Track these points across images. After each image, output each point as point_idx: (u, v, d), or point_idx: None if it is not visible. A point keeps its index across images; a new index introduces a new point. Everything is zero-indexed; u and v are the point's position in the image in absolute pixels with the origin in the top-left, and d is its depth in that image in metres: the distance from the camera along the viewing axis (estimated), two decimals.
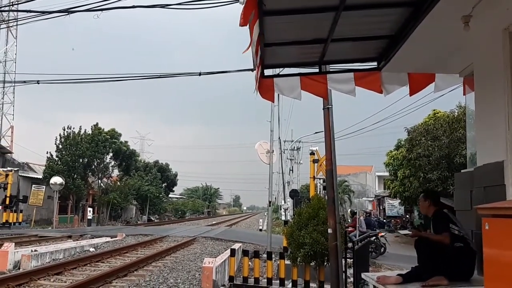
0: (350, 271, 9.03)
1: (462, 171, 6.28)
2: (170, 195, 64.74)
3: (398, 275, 4.74)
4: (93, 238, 19.00)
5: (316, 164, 14.95)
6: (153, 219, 49.28)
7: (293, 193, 26.99)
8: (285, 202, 28.67)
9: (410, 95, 6.05)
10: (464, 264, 4.39)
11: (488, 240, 3.14)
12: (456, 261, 4.36)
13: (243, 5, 3.52)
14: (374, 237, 16.01)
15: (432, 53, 5.28)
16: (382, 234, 19.79)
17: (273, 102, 11.47)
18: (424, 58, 5.44)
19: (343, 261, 7.59)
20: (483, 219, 3.17)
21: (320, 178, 17.08)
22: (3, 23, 35.59)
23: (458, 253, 4.36)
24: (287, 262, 8.52)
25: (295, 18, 4.61)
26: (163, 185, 56.58)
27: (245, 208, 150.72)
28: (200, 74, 14.42)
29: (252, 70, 4.97)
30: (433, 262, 4.47)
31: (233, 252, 9.31)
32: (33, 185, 32.12)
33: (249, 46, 4.13)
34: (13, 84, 43.19)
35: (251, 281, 8.63)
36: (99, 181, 38.07)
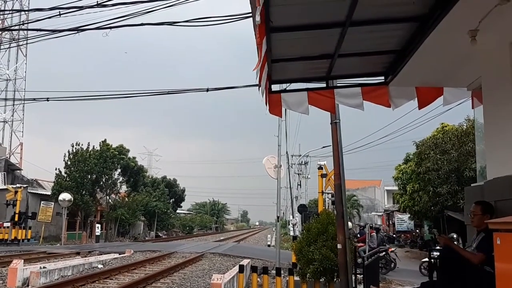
0: (360, 287, 8.92)
1: (472, 185, 6.22)
2: (177, 211, 64.65)
3: None
4: (101, 254, 18.96)
5: (324, 178, 14.89)
6: (161, 235, 49.16)
7: (302, 208, 26.87)
8: (293, 217, 28.51)
9: (419, 109, 6.04)
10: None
11: (500, 255, 3.11)
12: (478, 283, 4.09)
13: (259, 23, 3.55)
14: (383, 253, 15.84)
15: (439, 67, 5.28)
16: (392, 249, 19.56)
17: (281, 117, 11.48)
18: (431, 72, 5.44)
19: (353, 277, 7.50)
20: (495, 234, 3.15)
21: (328, 193, 17.00)
22: (14, 41, 36.15)
23: (483, 277, 4.02)
24: (296, 278, 8.44)
25: (302, 34, 4.65)
26: (171, 200, 56.57)
27: (256, 223, 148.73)
28: (207, 90, 14.51)
29: (258, 85, 4.98)
30: (453, 276, 4.32)
31: (241, 268, 9.24)
32: (42, 202, 32.25)
33: (258, 63, 4.16)
34: (23, 102, 43.81)
35: None
36: (107, 197, 38.12)
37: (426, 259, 18.39)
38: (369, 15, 4.34)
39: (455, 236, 16.92)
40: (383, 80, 5.92)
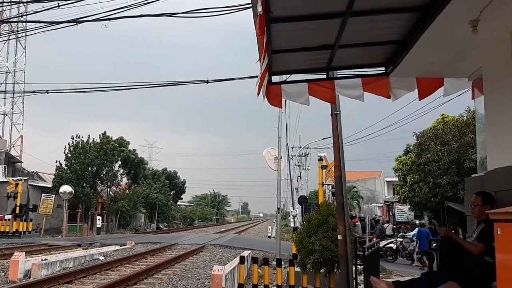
0: (360, 278, 8.95)
1: (472, 175, 6.21)
2: (178, 203, 64.82)
3: (395, 281, 4.64)
4: (102, 246, 19.06)
5: (324, 170, 14.91)
6: (161, 227, 49.34)
7: (302, 200, 26.96)
8: (293, 209, 28.61)
9: (420, 100, 6.01)
10: (485, 279, 4.01)
11: (501, 245, 3.11)
12: (478, 274, 4.07)
13: (261, 14, 3.52)
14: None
15: (440, 58, 5.25)
16: (392, 240, 19.63)
17: (281, 108, 11.46)
18: (432, 63, 5.41)
19: (353, 268, 7.53)
20: (495, 224, 3.15)
21: (328, 184, 17.02)
22: (13, 33, 35.99)
23: (483, 267, 4.01)
24: (297, 269, 8.47)
25: (302, 24, 4.61)
26: (172, 192, 56.70)
27: (261, 214, 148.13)
28: (207, 81, 14.47)
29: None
30: (453, 267, 4.32)
31: (242, 260, 9.26)
32: (43, 194, 32.31)
33: (261, 55, 4.14)
34: (23, 94, 43.73)
35: None
36: (108, 190, 38.21)
37: (391, 245, 18.56)
38: (369, 5, 4.31)
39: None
40: (384, 71, 5.89)
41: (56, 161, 34.29)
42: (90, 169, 34.73)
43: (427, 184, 22.03)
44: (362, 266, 8.42)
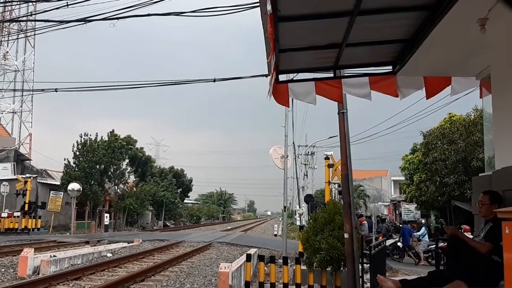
0: (367, 276, 8.96)
1: (479, 175, 6.21)
2: (185, 201, 64.95)
3: (402, 280, 4.65)
4: (110, 243, 19.16)
5: (331, 168, 14.89)
6: (168, 224, 49.50)
7: (308, 198, 27.00)
8: (300, 207, 28.62)
9: (427, 99, 6.00)
10: (492, 278, 4.06)
11: (509, 244, 3.12)
12: (486, 273, 4.09)
13: (270, 12, 3.54)
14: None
15: (448, 57, 5.25)
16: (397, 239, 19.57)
17: (288, 107, 11.47)
18: (440, 62, 5.40)
19: (360, 266, 7.53)
20: (503, 223, 3.15)
21: (335, 183, 17.01)
22: (22, 32, 36.25)
23: (491, 266, 4.04)
24: (303, 267, 8.49)
25: (309, 23, 4.62)
26: (179, 190, 56.81)
27: (269, 213, 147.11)
28: (214, 80, 14.51)
29: (266, 75, 4.99)
30: (460, 266, 4.31)
31: (249, 257, 9.30)
32: (51, 192, 32.52)
33: (269, 54, 4.15)
34: (31, 93, 44.07)
35: (267, 286, 8.61)
36: (116, 187, 38.36)
37: (398, 244, 18.51)
38: (377, 3, 4.31)
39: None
40: (391, 70, 5.89)
41: (65, 159, 34.50)
42: (98, 167, 34.87)
43: (434, 183, 21.95)
44: (368, 265, 8.44)
